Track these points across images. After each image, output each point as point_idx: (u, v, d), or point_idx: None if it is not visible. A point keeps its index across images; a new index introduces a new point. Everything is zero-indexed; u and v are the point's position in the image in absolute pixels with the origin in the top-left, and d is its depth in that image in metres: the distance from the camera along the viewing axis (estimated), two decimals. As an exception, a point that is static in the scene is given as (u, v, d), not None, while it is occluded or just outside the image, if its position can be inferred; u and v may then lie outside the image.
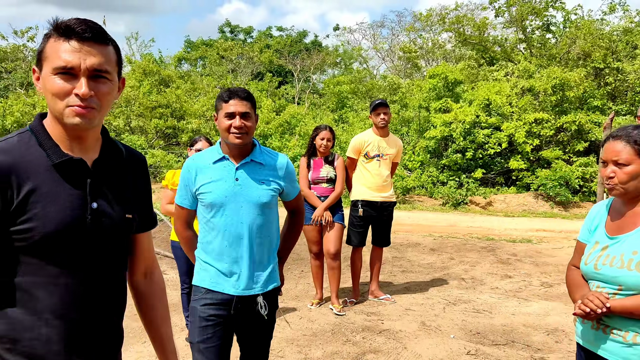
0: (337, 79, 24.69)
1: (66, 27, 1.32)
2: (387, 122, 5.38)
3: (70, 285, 1.37)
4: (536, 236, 9.99)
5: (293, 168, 2.66)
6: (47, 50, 1.34)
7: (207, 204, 2.45)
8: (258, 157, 2.52)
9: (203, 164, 2.51)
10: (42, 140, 1.38)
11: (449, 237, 9.71)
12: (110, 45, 1.39)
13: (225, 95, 2.47)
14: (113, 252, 1.48)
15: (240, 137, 2.42)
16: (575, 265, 2.26)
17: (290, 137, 18.90)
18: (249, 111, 2.45)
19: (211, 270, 2.47)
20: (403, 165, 16.33)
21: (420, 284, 6.34)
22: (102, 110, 1.38)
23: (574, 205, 14.43)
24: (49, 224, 1.32)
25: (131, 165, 1.57)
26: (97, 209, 1.41)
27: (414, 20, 26.58)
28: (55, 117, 1.37)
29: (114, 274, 1.49)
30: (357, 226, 5.46)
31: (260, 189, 2.48)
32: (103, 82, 1.36)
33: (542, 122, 15.60)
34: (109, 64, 1.37)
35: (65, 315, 1.37)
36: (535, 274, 6.88)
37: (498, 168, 16.36)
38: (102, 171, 1.46)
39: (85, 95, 1.32)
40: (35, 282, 1.34)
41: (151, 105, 19.81)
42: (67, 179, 1.37)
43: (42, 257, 1.33)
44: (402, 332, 4.61)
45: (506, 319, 5.04)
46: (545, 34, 20.30)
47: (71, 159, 1.38)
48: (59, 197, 1.35)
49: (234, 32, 37.76)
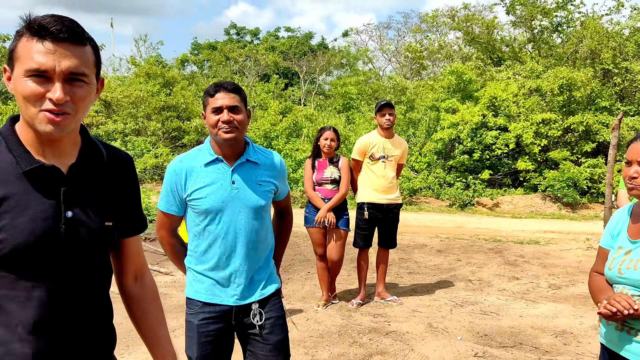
0: (344, 80, 24.70)
1: (40, 25, 1.22)
2: (392, 124, 5.37)
3: (45, 298, 1.29)
4: (544, 238, 9.93)
5: (285, 166, 2.50)
6: (19, 50, 1.24)
7: (202, 210, 2.26)
8: (252, 156, 2.34)
9: (193, 166, 2.29)
10: (12, 146, 1.29)
11: (456, 238, 9.67)
12: (88, 45, 1.29)
13: (211, 89, 2.28)
14: (92, 262, 1.39)
15: (230, 131, 2.22)
16: (597, 272, 2.23)
17: (296, 139, 18.88)
18: (237, 104, 2.24)
19: (206, 282, 2.31)
20: (410, 166, 16.30)
21: (427, 285, 6.31)
22: (78, 115, 1.29)
23: (582, 207, 14.35)
24: (19, 236, 1.23)
25: (114, 168, 1.47)
26: (72, 218, 1.31)
27: (421, 21, 26.56)
28: (27, 121, 1.27)
29: (94, 285, 1.41)
30: (363, 228, 5.45)
31: (258, 191, 2.32)
32: (79, 85, 1.26)
33: (550, 122, 15.52)
34: (86, 66, 1.27)
35: (39, 330, 1.29)
36: (543, 275, 6.84)
37: (505, 169, 16.30)
38: (79, 177, 1.36)
39: (59, 101, 1.22)
40: (7, 295, 1.26)
41: (159, 106, 19.89)
42: (38, 187, 1.28)
43: (13, 270, 1.25)
44: (409, 334, 4.60)
45: (514, 320, 5.01)
46: (553, 34, 20.21)
47: (42, 165, 1.28)
48: (29, 207, 1.26)
49: (240, 34, 37.86)
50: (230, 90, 2.25)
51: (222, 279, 2.29)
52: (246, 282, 2.31)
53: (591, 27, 17.31)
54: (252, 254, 2.32)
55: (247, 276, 2.31)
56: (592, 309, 5.36)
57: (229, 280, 2.29)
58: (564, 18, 19.90)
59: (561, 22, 20.09)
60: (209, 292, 2.30)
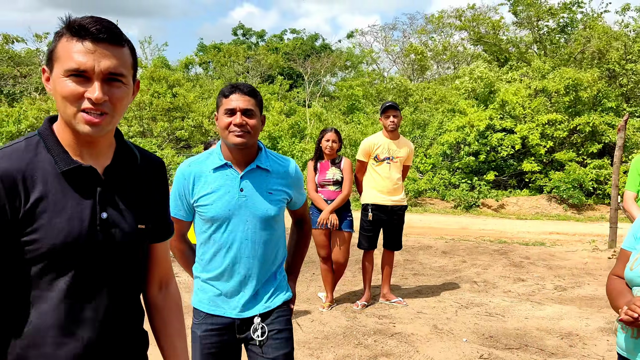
0: (350, 83, 24.70)
1: (80, 26, 1.23)
2: (396, 125, 5.37)
3: (79, 300, 1.29)
4: (549, 239, 9.90)
5: (301, 174, 2.38)
6: (59, 50, 1.25)
7: (208, 218, 2.16)
8: (264, 162, 2.22)
9: (202, 171, 2.19)
10: (50, 146, 1.30)
11: (461, 240, 9.65)
12: (126, 47, 1.30)
13: (227, 90, 2.17)
14: (125, 264, 1.38)
15: (242, 135, 2.11)
16: (617, 275, 2.14)
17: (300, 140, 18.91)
18: (252, 108, 2.14)
19: (210, 292, 2.21)
20: (415, 167, 16.28)
21: (432, 287, 6.30)
22: (116, 116, 1.29)
23: (587, 208, 14.30)
24: (56, 236, 1.24)
25: (147, 171, 1.47)
26: (106, 219, 1.32)
27: (426, 23, 26.56)
28: (66, 121, 1.28)
29: (127, 288, 1.40)
30: (368, 230, 5.45)
31: (268, 199, 2.19)
32: (117, 86, 1.27)
33: (555, 123, 15.48)
34: (124, 66, 1.28)
35: (73, 333, 1.28)
36: (548, 277, 6.82)
37: (511, 170, 16.25)
38: (114, 179, 1.36)
39: (98, 100, 1.23)
40: (42, 296, 1.26)
41: (166, 107, 19.99)
42: (75, 187, 1.28)
43: (50, 270, 1.25)
44: (414, 336, 4.59)
45: (519, 322, 4.99)
46: (559, 35, 20.15)
47: (80, 166, 1.29)
48: (66, 207, 1.26)
49: (246, 35, 37.94)
50: (245, 93, 2.15)
51: (225, 290, 2.20)
52: (250, 295, 2.20)
53: (599, 28, 17.27)
54: (259, 267, 2.20)
55: (252, 289, 2.20)
56: (598, 310, 5.34)
57: (232, 292, 2.19)
58: (569, 19, 19.85)
59: (567, 23, 20.04)
60: (211, 303, 2.21)
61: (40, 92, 24.31)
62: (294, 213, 2.48)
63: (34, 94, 24.10)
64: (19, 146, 1.28)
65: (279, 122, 19.63)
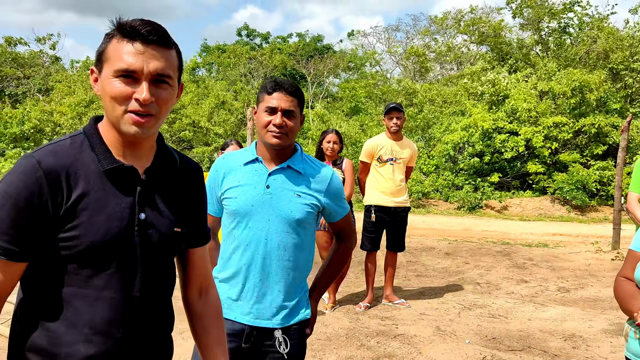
0: (352, 84, 24.72)
1: (131, 27, 1.26)
2: (399, 127, 5.37)
3: (113, 299, 1.29)
4: (552, 240, 9.88)
5: (340, 184, 2.23)
6: (109, 51, 1.27)
7: (231, 211, 2.09)
8: (297, 164, 2.12)
9: (233, 165, 2.15)
10: (95, 144, 1.31)
11: (464, 241, 9.64)
12: (174, 49, 1.32)
13: (270, 87, 2.07)
14: (160, 266, 1.39)
15: (279, 137, 2.04)
16: (625, 277, 2.05)
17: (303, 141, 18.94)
18: (294, 109, 2.06)
19: (224, 293, 2.09)
20: (418, 169, 16.27)
21: (435, 288, 6.29)
22: (161, 117, 1.31)
23: (591, 209, 14.27)
24: (96, 234, 1.25)
25: (185, 176, 1.48)
26: (144, 220, 1.33)
27: (430, 24, 26.56)
28: (112, 121, 1.30)
29: (160, 290, 1.41)
30: (371, 231, 5.45)
31: (294, 201, 2.08)
32: (164, 87, 1.29)
33: (560, 125, 15.45)
34: (171, 68, 1.30)
35: (106, 332, 1.29)
36: (551, 278, 6.80)
37: (514, 172, 16.23)
38: (154, 180, 1.37)
39: (146, 101, 1.25)
40: (77, 294, 1.27)
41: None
42: (116, 186, 1.30)
43: (87, 268, 1.26)
44: (417, 337, 4.59)
45: (522, 324, 4.98)
46: (561, 36, 20.12)
47: (122, 165, 1.30)
48: (107, 206, 1.28)
49: (250, 36, 38.00)
50: (289, 92, 2.06)
51: (239, 291, 2.08)
52: (265, 302, 2.06)
53: (606, 29, 17.26)
54: (277, 272, 2.07)
55: (267, 295, 2.07)
56: (602, 312, 5.33)
57: (245, 295, 2.07)
58: (571, 20, 19.84)
59: (569, 24, 20.02)
60: (225, 304, 2.04)
61: (44, 93, 24.41)
62: (334, 225, 2.30)
63: (37, 95, 24.18)
64: (64, 143, 1.30)
65: None
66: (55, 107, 19.69)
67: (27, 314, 1.29)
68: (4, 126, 18.93)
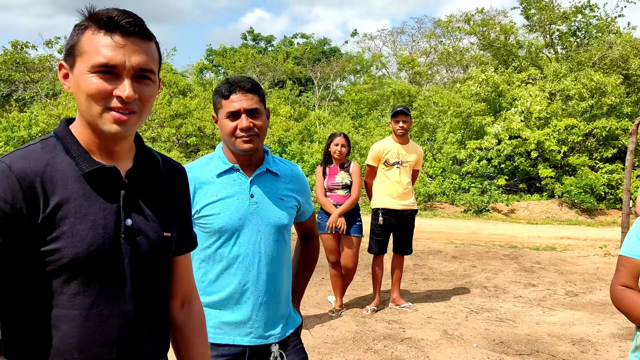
0: (357, 87, 24.75)
1: (108, 18, 1.14)
2: (405, 131, 5.38)
3: (105, 316, 1.17)
4: (560, 244, 9.83)
5: (307, 180, 2.15)
6: (84, 44, 1.15)
7: (215, 230, 1.88)
8: (273, 166, 2.00)
9: (204, 177, 1.92)
10: (70, 147, 1.19)
11: (471, 244, 9.61)
12: (153, 42, 1.22)
13: (224, 89, 1.89)
14: (152, 276, 1.28)
15: (250, 140, 1.87)
16: (625, 285, 1.89)
17: (310, 144, 18.97)
18: (257, 106, 1.88)
19: (215, 318, 1.91)
20: (424, 171, 16.24)
21: (442, 292, 6.27)
22: (143, 115, 1.20)
23: (599, 213, 14.18)
24: (79, 245, 1.12)
25: (169, 178, 1.37)
26: (131, 226, 1.21)
27: (435, 27, 26.54)
28: (88, 121, 1.18)
29: (154, 302, 1.29)
30: (378, 234, 5.45)
31: (280, 206, 1.96)
32: (146, 83, 1.19)
33: (570, 128, 15.38)
34: (153, 62, 1.20)
35: (98, 354, 1.17)
36: (560, 282, 6.76)
37: (521, 175, 16.16)
38: (137, 183, 1.26)
39: (129, 99, 1.14)
40: (63, 315, 1.14)
41: (169, 114, 20.19)
42: (98, 190, 1.18)
43: (72, 283, 1.14)
44: (424, 341, 4.57)
45: (530, 328, 4.96)
46: (571, 39, 20.04)
47: (103, 167, 1.19)
48: (89, 213, 1.15)
49: (255, 39, 38.13)
50: (248, 90, 1.88)
51: (235, 314, 1.91)
52: (265, 319, 1.93)
53: (625, 36, 17.25)
54: (272, 285, 1.94)
55: (266, 311, 1.93)
56: (611, 316, 5.29)
57: (244, 315, 1.91)
58: (581, 22, 19.76)
59: (578, 27, 19.95)
60: (218, 330, 1.90)
61: (51, 97, 24.56)
62: (302, 225, 2.20)
63: (44, 99, 24.33)
64: (34, 147, 1.18)
65: (288, 127, 19.70)
66: (63, 110, 19.82)
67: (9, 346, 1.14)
68: (12, 130, 19.08)
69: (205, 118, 20.40)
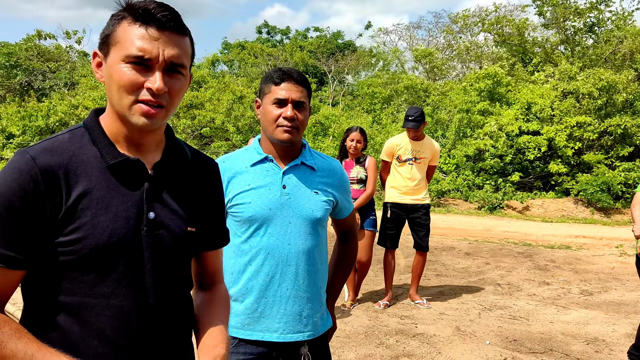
0: (371, 81, 24.64)
1: (145, 10, 1.15)
2: (417, 135, 5.35)
3: (125, 307, 1.17)
4: (575, 242, 9.74)
5: (347, 177, 2.09)
6: (119, 34, 1.15)
7: (245, 219, 1.86)
8: (309, 159, 1.96)
9: (238, 167, 1.92)
10: (96, 138, 1.20)
11: (485, 241, 9.56)
12: (188, 37, 1.22)
13: (276, 76, 1.86)
14: (175, 270, 1.27)
15: (290, 131, 1.85)
16: None
17: (323, 138, 18.96)
18: (304, 100, 1.87)
19: (242, 312, 1.88)
20: (438, 168, 16.17)
21: (454, 288, 6.25)
22: (171, 109, 1.20)
23: (615, 212, 14.01)
24: (100, 236, 1.13)
25: (198, 172, 1.36)
26: (154, 219, 1.21)
27: (451, 22, 26.30)
28: (118, 111, 1.18)
29: (177, 295, 1.28)
30: (389, 228, 5.46)
31: (314, 200, 1.91)
32: (177, 77, 1.19)
33: (584, 125, 15.21)
34: (186, 57, 1.20)
35: (117, 344, 1.17)
36: (574, 281, 6.71)
37: (536, 172, 16.02)
38: (163, 176, 1.26)
39: (159, 91, 1.14)
40: (83, 303, 1.15)
41: (185, 104, 20.30)
42: (122, 183, 1.19)
43: (91, 273, 1.15)
44: (437, 337, 4.56)
45: (544, 326, 4.93)
46: (587, 35, 19.78)
47: (128, 159, 1.19)
48: (111, 204, 1.16)
49: (270, 33, 38.10)
50: (299, 82, 1.86)
51: (263, 307, 1.87)
52: (294, 314, 1.88)
53: (634, 30, 16.95)
54: (303, 279, 1.90)
55: (296, 306, 1.89)
56: (626, 316, 5.24)
57: (271, 309, 1.87)
58: (596, 18, 19.48)
59: (594, 23, 19.67)
60: (246, 325, 1.88)
61: (69, 87, 24.79)
62: (340, 223, 2.15)
63: (63, 89, 24.57)
64: (62, 138, 1.19)
65: None
66: (81, 101, 20.00)
67: (30, 329, 1.15)
68: (30, 119, 19.29)
69: (216, 110, 20.48)
